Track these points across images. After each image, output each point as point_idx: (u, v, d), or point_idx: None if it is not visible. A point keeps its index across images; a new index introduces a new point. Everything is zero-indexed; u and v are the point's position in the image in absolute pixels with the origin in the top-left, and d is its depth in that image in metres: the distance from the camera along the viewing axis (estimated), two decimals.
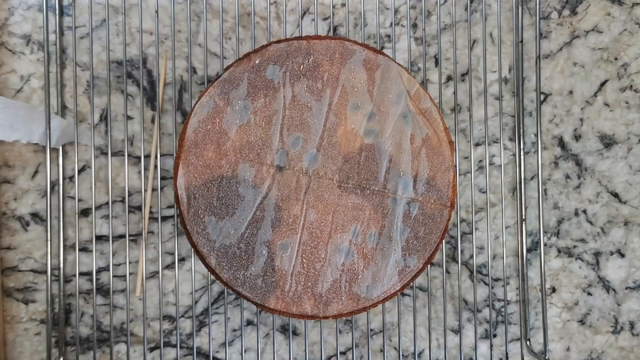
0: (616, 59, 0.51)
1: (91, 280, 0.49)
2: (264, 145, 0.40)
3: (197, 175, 0.40)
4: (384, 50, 0.50)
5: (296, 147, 0.40)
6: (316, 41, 0.40)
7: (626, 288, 0.51)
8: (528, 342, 0.50)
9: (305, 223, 0.40)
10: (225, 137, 0.40)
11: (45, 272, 0.49)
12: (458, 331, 0.50)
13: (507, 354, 0.50)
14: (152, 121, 0.50)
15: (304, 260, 0.40)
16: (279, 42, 0.40)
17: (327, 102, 0.40)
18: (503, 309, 0.50)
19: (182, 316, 0.50)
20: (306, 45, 0.40)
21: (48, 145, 0.47)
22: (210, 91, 0.40)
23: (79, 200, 0.49)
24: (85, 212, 0.49)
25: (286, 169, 0.40)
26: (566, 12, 0.51)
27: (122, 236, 0.49)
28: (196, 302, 0.50)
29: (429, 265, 0.48)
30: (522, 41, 0.50)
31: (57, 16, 0.49)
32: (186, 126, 0.40)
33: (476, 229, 0.50)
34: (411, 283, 0.41)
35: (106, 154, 0.49)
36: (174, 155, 0.49)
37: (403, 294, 0.51)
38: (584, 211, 0.51)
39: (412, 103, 0.40)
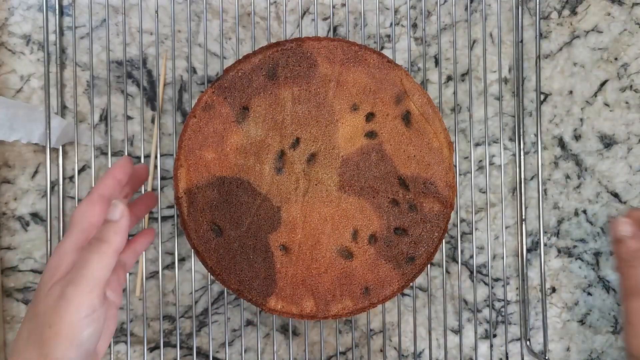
0: (616, 59, 0.51)
1: None
2: (263, 146, 0.40)
3: (197, 178, 0.40)
4: (384, 51, 0.50)
5: (295, 149, 0.40)
6: (315, 42, 0.40)
7: None
8: (528, 342, 0.50)
9: (304, 224, 0.40)
10: (225, 139, 0.40)
11: None
12: (458, 331, 0.50)
13: (507, 354, 0.50)
14: (152, 121, 0.50)
15: (304, 261, 0.40)
16: (278, 43, 0.40)
17: (326, 103, 0.40)
18: (503, 309, 0.50)
19: (182, 316, 0.50)
20: (305, 46, 0.40)
21: (48, 145, 0.47)
22: (209, 93, 0.40)
23: (79, 200, 0.49)
24: None
25: (285, 171, 0.40)
26: (566, 12, 0.51)
27: None
28: (196, 302, 0.50)
29: (429, 265, 0.48)
30: (522, 41, 0.50)
31: (57, 16, 0.49)
32: (186, 128, 0.40)
33: (476, 229, 0.50)
34: (410, 283, 0.41)
35: (106, 154, 0.49)
36: (174, 155, 0.49)
37: (403, 294, 0.51)
38: (584, 211, 0.51)
39: (412, 104, 0.40)
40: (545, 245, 0.51)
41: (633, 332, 0.40)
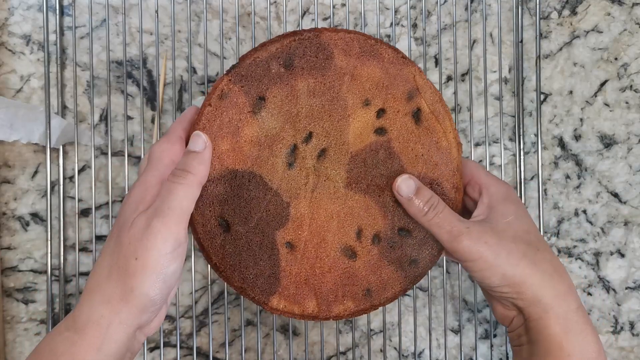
0: (616, 59, 0.51)
1: None
2: (277, 140, 0.39)
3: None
4: None
5: (307, 143, 0.39)
6: (333, 33, 0.39)
7: (626, 288, 0.51)
8: None
9: (311, 221, 0.39)
10: (240, 130, 0.38)
11: (45, 272, 0.49)
12: (458, 331, 0.50)
13: (507, 354, 0.50)
14: (152, 121, 0.50)
15: (308, 260, 0.40)
16: (295, 32, 0.39)
17: (339, 97, 0.39)
18: None
19: (182, 316, 0.50)
20: (323, 37, 0.39)
21: (48, 145, 0.47)
22: (225, 81, 0.39)
23: (79, 200, 0.49)
24: (85, 212, 0.49)
25: (297, 165, 0.39)
26: (566, 12, 0.51)
27: None
28: (196, 302, 0.50)
29: None
30: (522, 41, 0.50)
31: (57, 16, 0.49)
32: (200, 117, 0.38)
33: None
34: (412, 286, 0.41)
35: (106, 154, 0.49)
36: None
37: (403, 294, 0.51)
38: (584, 211, 0.51)
39: (423, 102, 0.40)
40: None
41: (482, 265, 0.36)
